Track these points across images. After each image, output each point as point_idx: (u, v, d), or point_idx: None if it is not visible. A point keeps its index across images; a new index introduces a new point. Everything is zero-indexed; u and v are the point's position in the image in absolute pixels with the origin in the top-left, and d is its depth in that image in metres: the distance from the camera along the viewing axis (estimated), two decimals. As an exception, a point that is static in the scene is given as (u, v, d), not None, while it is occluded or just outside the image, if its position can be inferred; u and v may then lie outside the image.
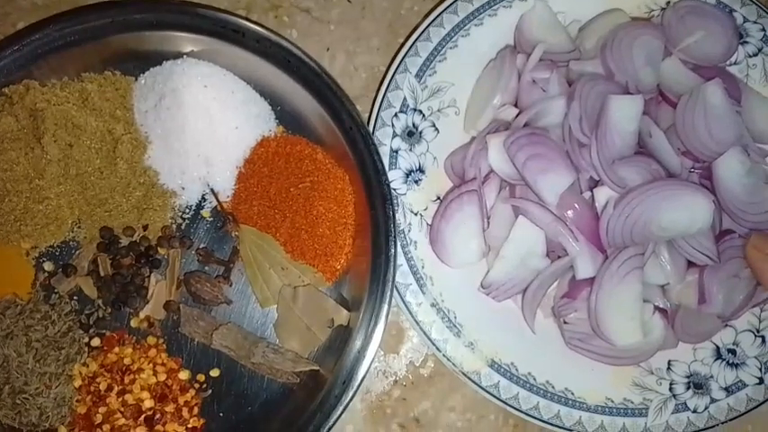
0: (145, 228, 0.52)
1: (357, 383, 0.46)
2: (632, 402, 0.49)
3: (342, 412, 0.46)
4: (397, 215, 0.48)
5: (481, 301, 0.49)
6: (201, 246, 0.52)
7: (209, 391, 0.50)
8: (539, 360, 0.48)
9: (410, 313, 0.48)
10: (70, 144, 0.51)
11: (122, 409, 0.48)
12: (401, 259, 0.48)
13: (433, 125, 0.52)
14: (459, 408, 0.51)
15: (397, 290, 0.48)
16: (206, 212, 0.53)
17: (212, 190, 0.52)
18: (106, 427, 0.48)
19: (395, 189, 0.50)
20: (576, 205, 0.46)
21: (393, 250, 0.47)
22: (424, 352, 0.51)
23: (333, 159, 0.51)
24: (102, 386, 0.48)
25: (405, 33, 0.56)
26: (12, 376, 0.48)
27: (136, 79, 0.54)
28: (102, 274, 0.51)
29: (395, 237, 0.48)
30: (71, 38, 0.52)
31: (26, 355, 0.49)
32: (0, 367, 0.48)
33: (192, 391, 0.50)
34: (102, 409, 0.48)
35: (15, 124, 0.50)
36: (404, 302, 0.48)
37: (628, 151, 0.47)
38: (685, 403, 0.50)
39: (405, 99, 0.51)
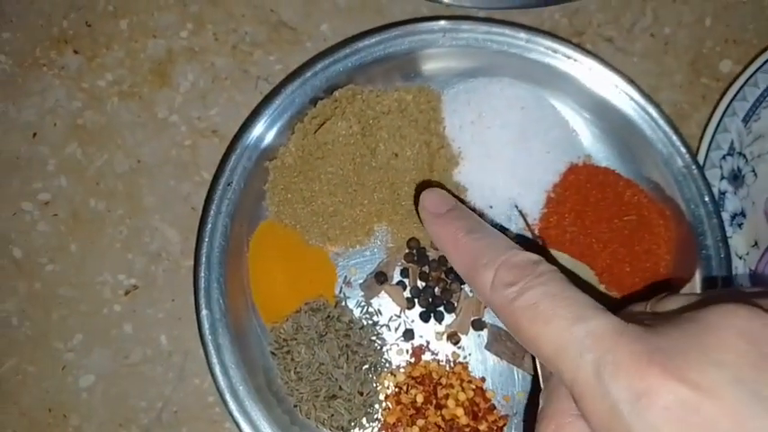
0: (450, 243, 0.52)
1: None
2: None
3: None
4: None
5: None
6: (506, 266, 0.52)
7: (516, 413, 0.50)
8: None
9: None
10: (396, 154, 0.51)
11: (441, 424, 0.48)
12: (729, 302, 0.48)
13: (753, 170, 0.52)
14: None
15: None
16: (511, 234, 0.53)
17: (521, 212, 0.53)
18: (423, 440, 0.48)
19: (723, 231, 0.50)
20: None
21: (730, 293, 0.48)
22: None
23: (650, 194, 0.51)
24: (420, 398, 0.49)
25: (707, 73, 0.56)
26: (329, 379, 0.49)
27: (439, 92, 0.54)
28: (411, 285, 0.52)
29: (731, 279, 0.48)
30: (398, 48, 0.52)
31: (340, 359, 0.49)
32: (317, 370, 0.49)
33: (497, 412, 0.50)
34: (420, 422, 0.48)
35: (348, 129, 0.50)
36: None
37: None
38: None
39: (732, 142, 0.51)
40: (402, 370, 0.50)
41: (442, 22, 0.52)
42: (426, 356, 0.51)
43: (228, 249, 0.50)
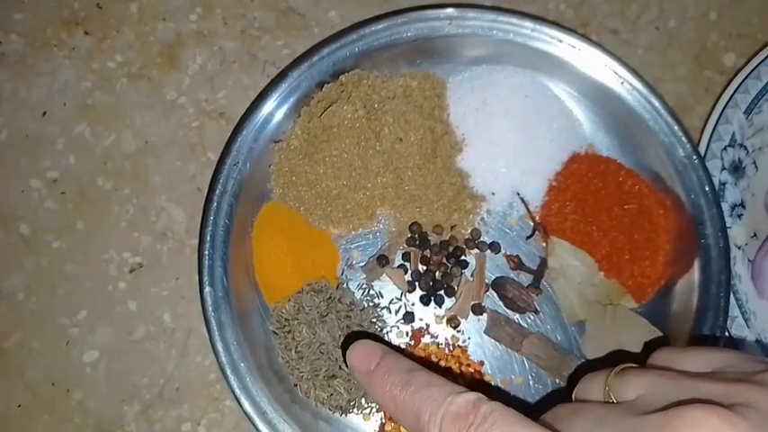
0: (452, 228, 0.53)
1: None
2: None
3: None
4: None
5: (804, 342, 0.49)
6: (507, 252, 0.53)
7: (513, 397, 0.51)
8: None
9: (736, 347, 0.49)
10: (400, 138, 0.52)
11: (439, 406, 0.49)
12: (726, 291, 0.49)
13: (754, 162, 0.52)
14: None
15: (721, 322, 0.49)
16: (513, 220, 0.54)
17: (523, 199, 0.53)
18: (421, 420, 0.49)
19: (721, 221, 0.50)
20: None
21: (727, 282, 0.48)
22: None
23: (651, 183, 0.52)
24: (418, 380, 0.49)
25: (711, 67, 0.57)
26: (329, 359, 0.49)
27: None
28: (412, 268, 0.52)
29: (729, 269, 0.48)
30: (404, 35, 0.53)
31: (340, 339, 0.50)
32: (318, 349, 0.49)
33: (495, 395, 0.51)
34: (418, 403, 0.49)
35: (354, 113, 0.51)
36: (730, 335, 0.49)
37: None
38: None
39: (734, 134, 0.52)
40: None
41: (449, 10, 0.53)
42: (426, 339, 0.52)
43: (233, 229, 0.50)
